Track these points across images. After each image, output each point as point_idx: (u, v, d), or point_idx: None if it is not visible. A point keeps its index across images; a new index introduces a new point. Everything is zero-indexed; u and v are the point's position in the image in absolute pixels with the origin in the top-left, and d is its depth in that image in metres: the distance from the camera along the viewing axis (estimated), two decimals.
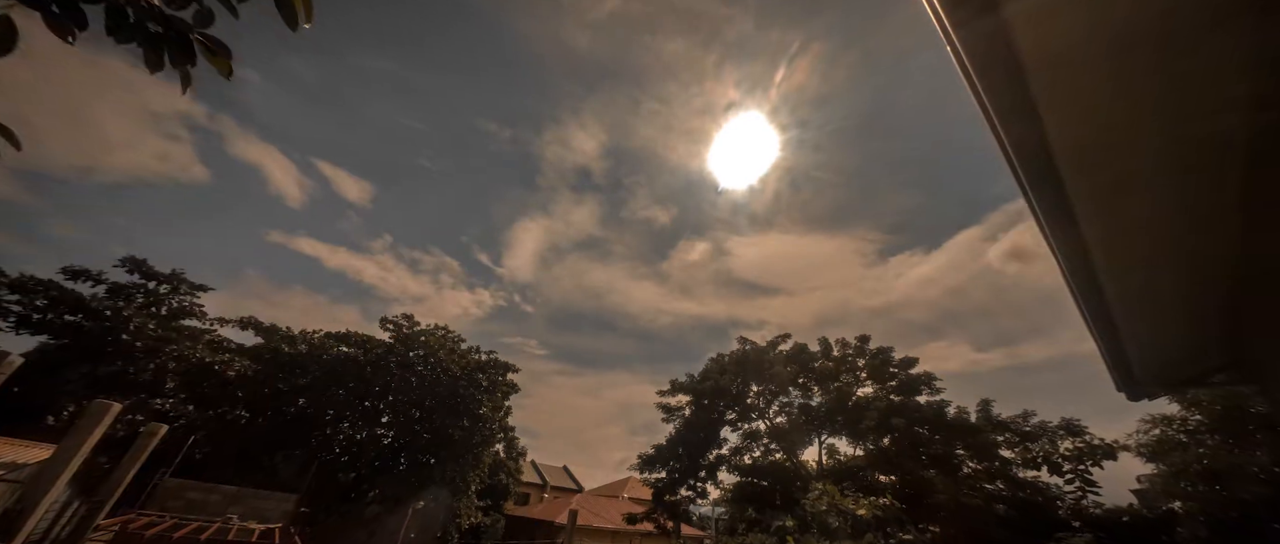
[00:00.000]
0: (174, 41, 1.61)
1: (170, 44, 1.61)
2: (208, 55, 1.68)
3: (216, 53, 1.68)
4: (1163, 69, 1.68)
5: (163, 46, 1.60)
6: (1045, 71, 1.67)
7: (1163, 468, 13.52)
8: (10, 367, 6.40)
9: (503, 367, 25.25)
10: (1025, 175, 2.05)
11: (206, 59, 1.69)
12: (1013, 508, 15.15)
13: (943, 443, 17.45)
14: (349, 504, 20.08)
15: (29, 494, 6.70)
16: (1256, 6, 1.51)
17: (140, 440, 10.47)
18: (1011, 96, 1.74)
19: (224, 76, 1.72)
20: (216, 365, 19.03)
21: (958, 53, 1.62)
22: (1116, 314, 2.88)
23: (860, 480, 17.89)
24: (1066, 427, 16.43)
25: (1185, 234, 2.43)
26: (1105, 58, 1.66)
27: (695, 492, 22.00)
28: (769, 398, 22.40)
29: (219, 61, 1.70)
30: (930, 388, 18.99)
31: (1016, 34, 1.56)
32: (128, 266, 19.63)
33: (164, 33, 1.58)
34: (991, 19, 1.52)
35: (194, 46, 1.64)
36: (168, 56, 1.63)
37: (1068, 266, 2.53)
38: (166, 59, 1.63)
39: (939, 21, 1.55)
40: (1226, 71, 1.67)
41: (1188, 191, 2.19)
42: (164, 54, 1.61)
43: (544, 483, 40.89)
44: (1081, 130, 1.91)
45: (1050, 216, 2.23)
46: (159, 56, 1.60)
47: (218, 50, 1.68)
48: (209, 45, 1.67)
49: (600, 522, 27.43)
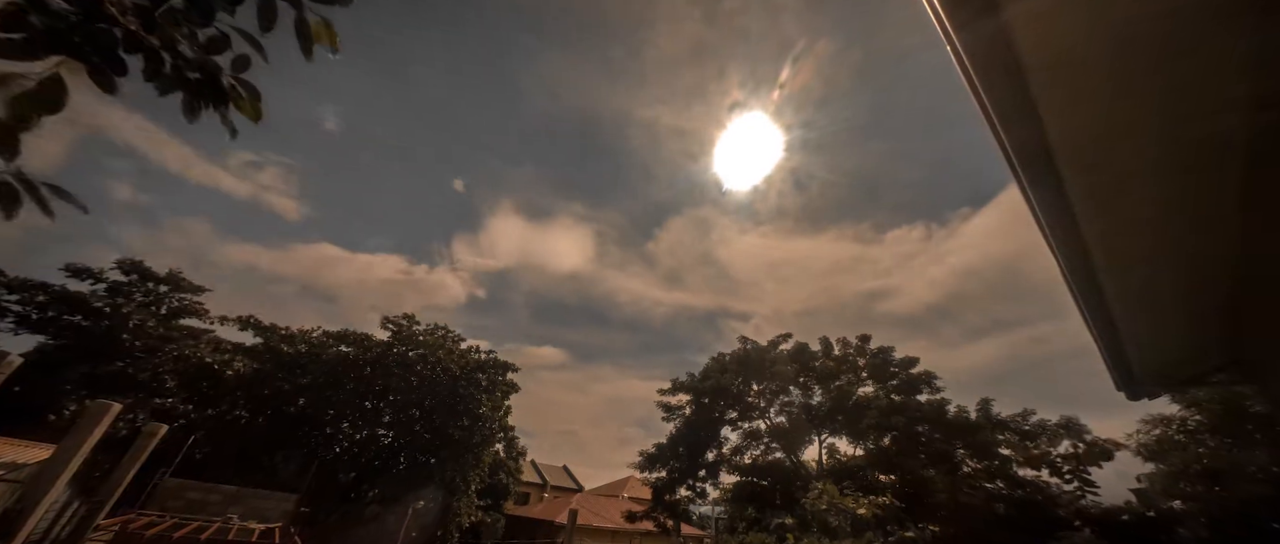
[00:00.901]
0: (209, 87, 1.61)
1: (205, 90, 1.61)
2: (237, 99, 1.67)
3: (247, 97, 1.68)
4: (1163, 69, 1.68)
5: (201, 93, 1.60)
6: (1045, 71, 1.67)
7: (1162, 467, 13.55)
8: (10, 366, 6.41)
9: (502, 366, 25.28)
10: (1025, 175, 2.05)
11: (236, 104, 1.68)
12: (1012, 507, 15.18)
13: (942, 442, 17.48)
14: (349, 504, 20.11)
15: (29, 494, 6.70)
16: (1256, 6, 1.51)
17: (140, 440, 10.47)
18: (1011, 96, 1.74)
19: (252, 120, 1.71)
20: (216, 365, 19.05)
21: (958, 53, 1.62)
22: (1116, 314, 2.88)
23: (860, 480, 17.91)
24: (1065, 425, 16.46)
25: (1185, 234, 2.43)
26: (1105, 58, 1.66)
27: (695, 491, 22.03)
28: (769, 397, 22.42)
29: (248, 106, 1.69)
30: (930, 387, 19.03)
31: (1017, 35, 1.56)
32: (124, 268, 19.65)
33: (201, 79, 1.59)
34: (992, 20, 1.53)
35: (226, 91, 1.64)
36: (203, 103, 1.62)
37: (1068, 266, 2.53)
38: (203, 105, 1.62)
39: (940, 23, 1.55)
40: (1226, 71, 1.67)
41: (1188, 191, 2.19)
42: (200, 100, 1.61)
43: (544, 482, 40.92)
44: (1081, 130, 1.91)
45: (1050, 216, 2.24)
46: (197, 104, 1.60)
47: (249, 94, 1.68)
48: (242, 90, 1.67)
49: (600, 521, 27.45)
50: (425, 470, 21.36)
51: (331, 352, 22.03)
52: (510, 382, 25.51)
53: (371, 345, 22.95)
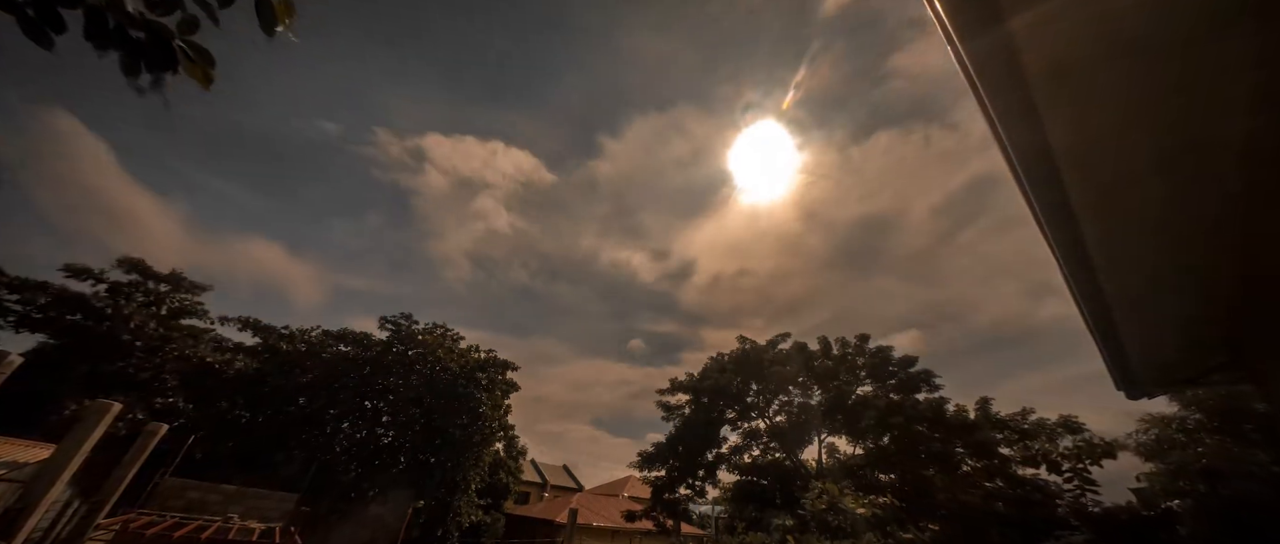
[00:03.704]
0: (154, 48, 1.53)
1: (150, 51, 1.53)
2: (187, 63, 1.60)
3: (197, 61, 1.60)
4: (1163, 70, 1.68)
5: (142, 53, 1.53)
6: (1046, 74, 1.68)
7: (1162, 467, 13.55)
8: (10, 366, 6.41)
9: (502, 365, 25.28)
10: (1025, 175, 2.05)
11: (185, 68, 1.61)
12: (1012, 506, 15.18)
13: (941, 441, 17.49)
14: (349, 503, 20.11)
15: (29, 494, 6.70)
16: (1256, 9, 1.52)
17: (141, 439, 10.48)
18: (1012, 98, 1.75)
19: (202, 86, 1.65)
20: (217, 364, 19.04)
21: (960, 56, 1.62)
22: (1116, 314, 2.88)
23: (860, 479, 17.92)
24: (1065, 425, 16.46)
25: (1185, 234, 2.44)
26: (1106, 59, 1.66)
27: (694, 490, 22.04)
28: (769, 397, 22.43)
29: (198, 70, 1.62)
30: (929, 385, 19.05)
31: (1018, 36, 1.57)
32: (125, 267, 19.63)
33: (145, 39, 1.52)
34: (993, 22, 1.53)
35: (175, 54, 1.56)
36: (144, 64, 1.55)
37: (1068, 266, 2.53)
38: (143, 66, 1.55)
39: (943, 26, 1.56)
40: (1226, 73, 1.67)
41: (1188, 192, 2.19)
42: (142, 61, 1.54)
43: (544, 482, 40.94)
44: (1082, 130, 1.91)
45: (1050, 216, 2.24)
46: (137, 63, 1.53)
47: (200, 58, 1.60)
48: (191, 53, 1.59)
49: (600, 520, 27.47)
50: (425, 469, 21.37)
51: (331, 351, 22.03)
52: (510, 380, 25.53)
53: (371, 344, 22.95)
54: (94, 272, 18.58)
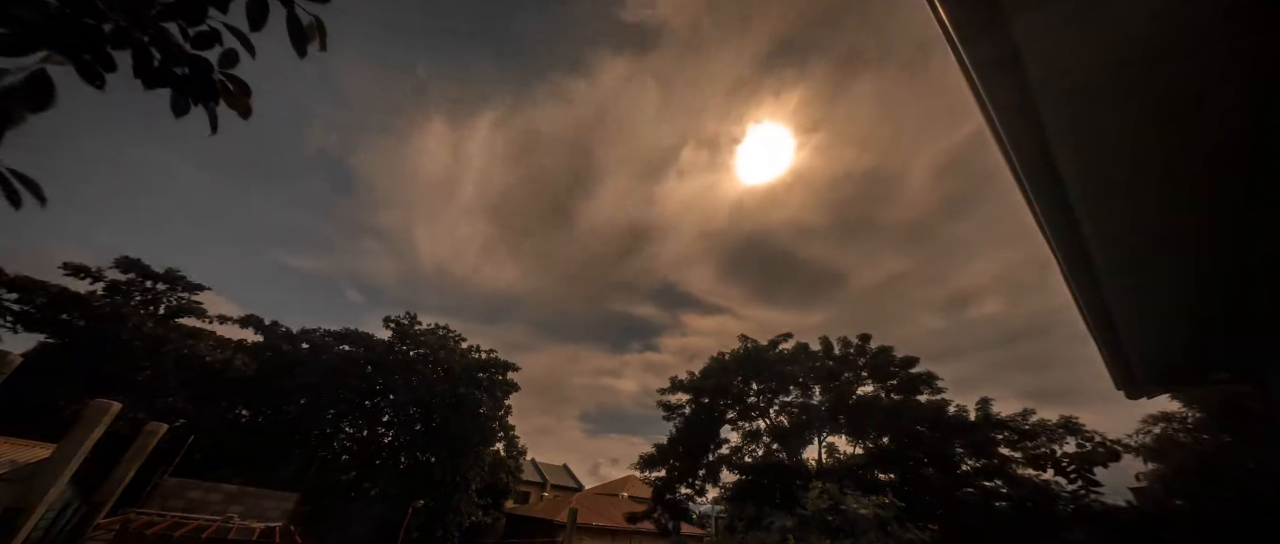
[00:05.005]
0: (197, 83, 1.59)
1: (194, 85, 1.58)
2: (227, 96, 1.64)
3: (237, 93, 1.65)
4: (1164, 70, 1.67)
5: (186, 88, 1.58)
6: (1047, 74, 1.67)
7: (1162, 466, 13.55)
8: (10, 366, 6.41)
9: (503, 365, 25.28)
10: (1026, 175, 2.04)
11: (226, 100, 1.65)
12: (1012, 506, 15.17)
13: (942, 441, 17.47)
14: (350, 502, 20.12)
15: (29, 494, 6.70)
16: (1256, 9, 1.50)
17: (141, 439, 10.48)
18: (1013, 98, 1.73)
19: (242, 116, 1.69)
20: (217, 364, 19.05)
21: (960, 57, 1.61)
22: (1116, 313, 2.87)
23: (860, 479, 17.90)
24: (1064, 426, 16.44)
25: (1185, 234, 2.42)
26: (1106, 60, 1.65)
27: (695, 490, 22.02)
28: (770, 396, 22.40)
29: (238, 101, 1.66)
30: (930, 386, 19.00)
31: (1019, 38, 1.56)
32: (123, 266, 19.64)
33: (189, 74, 1.57)
34: (995, 23, 1.52)
35: (216, 87, 1.62)
36: (190, 99, 1.59)
37: (1068, 266, 2.52)
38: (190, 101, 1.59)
39: (945, 28, 1.55)
40: (1227, 73, 1.66)
41: (1187, 192, 2.18)
42: (187, 98, 1.58)
43: (544, 481, 40.97)
44: (1082, 131, 1.89)
45: (1050, 216, 2.22)
46: (186, 100, 1.58)
47: (239, 90, 1.65)
48: (231, 85, 1.64)
49: (600, 520, 27.45)
50: (426, 469, 21.38)
51: (333, 351, 22.04)
52: (510, 381, 25.54)
53: (373, 345, 22.95)
54: (92, 270, 18.60)
